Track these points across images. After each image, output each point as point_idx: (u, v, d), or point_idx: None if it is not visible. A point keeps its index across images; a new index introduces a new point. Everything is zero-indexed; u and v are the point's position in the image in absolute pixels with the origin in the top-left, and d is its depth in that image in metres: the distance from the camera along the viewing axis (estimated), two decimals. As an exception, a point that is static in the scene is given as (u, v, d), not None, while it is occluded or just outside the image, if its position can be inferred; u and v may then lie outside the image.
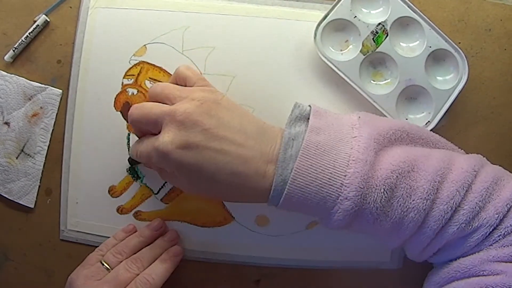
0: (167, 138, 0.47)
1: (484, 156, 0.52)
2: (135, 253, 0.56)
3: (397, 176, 0.46)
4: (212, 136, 0.47)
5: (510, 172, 0.51)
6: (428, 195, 0.46)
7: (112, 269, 0.54)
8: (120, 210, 0.60)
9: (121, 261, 0.55)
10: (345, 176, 0.45)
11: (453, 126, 0.62)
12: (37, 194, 0.61)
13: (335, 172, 0.46)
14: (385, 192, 0.46)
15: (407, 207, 0.46)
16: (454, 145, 0.54)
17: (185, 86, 0.53)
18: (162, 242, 0.58)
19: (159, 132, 0.49)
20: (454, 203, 0.46)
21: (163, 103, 0.50)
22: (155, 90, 0.52)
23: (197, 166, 0.46)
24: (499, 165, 0.60)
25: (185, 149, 0.46)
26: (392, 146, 0.49)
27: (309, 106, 0.51)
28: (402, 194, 0.46)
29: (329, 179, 0.46)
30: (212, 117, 0.48)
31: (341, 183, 0.45)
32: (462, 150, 0.54)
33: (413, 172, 0.47)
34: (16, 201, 0.61)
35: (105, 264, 0.54)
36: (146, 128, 0.52)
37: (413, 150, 0.49)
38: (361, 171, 0.45)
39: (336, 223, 0.47)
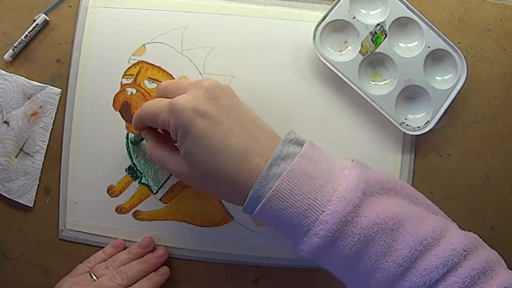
0: (189, 97, 0.46)
1: (484, 156, 0.51)
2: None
3: (377, 230, 0.42)
4: (230, 115, 0.46)
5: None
6: (404, 262, 0.42)
7: None
8: (119, 210, 0.61)
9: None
10: (323, 212, 0.42)
11: (453, 126, 0.61)
12: (36, 193, 0.61)
13: (314, 204, 0.43)
14: (358, 242, 0.42)
15: (378, 266, 0.43)
16: (434, 205, 0.49)
17: None
18: (150, 257, 0.58)
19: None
20: (430, 279, 0.41)
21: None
22: (160, 86, 0.52)
23: (205, 134, 0.45)
24: (499, 166, 0.60)
25: (201, 116, 0.45)
26: (386, 195, 0.45)
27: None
28: (377, 251, 0.42)
29: (306, 210, 0.43)
30: (235, 98, 0.48)
31: (316, 218, 0.42)
32: (455, 224, 0.48)
33: (397, 232, 0.43)
34: (15, 200, 0.61)
35: (93, 276, 0.55)
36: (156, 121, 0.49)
37: (407, 209, 0.45)
38: (341, 212, 0.42)
39: (300, 253, 0.44)
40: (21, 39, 0.60)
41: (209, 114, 0.45)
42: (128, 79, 0.60)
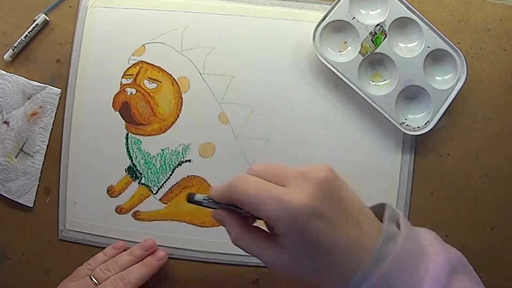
0: (304, 195, 0.41)
1: (484, 156, 0.51)
2: (123, 270, 0.56)
3: None
4: (344, 211, 0.42)
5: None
6: None
7: (99, 284, 0.54)
8: (119, 210, 0.61)
9: (109, 277, 0.55)
10: None
11: (453, 126, 0.61)
12: (36, 193, 0.61)
13: (411, 286, 0.42)
14: None
15: None
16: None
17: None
18: (151, 260, 0.58)
19: None
20: None
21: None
22: (257, 169, 0.45)
23: (319, 236, 0.41)
24: (499, 166, 0.60)
25: (317, 217, 0.41)
26: (462, 274, 0.46)
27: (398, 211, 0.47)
28: None
29: None
30: (346, 190, 0.44)
31: None
32: None
33: None
34: (15, 200, 0.61)
35: (93, 279, 0.55)
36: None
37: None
38: None
39: None
40: (21, 39, 0.60)
41: (325, 215, 0.41)
42: (128, 79, 0.60)
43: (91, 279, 0.55)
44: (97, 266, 0.57)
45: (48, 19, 0.61)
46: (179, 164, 0.60)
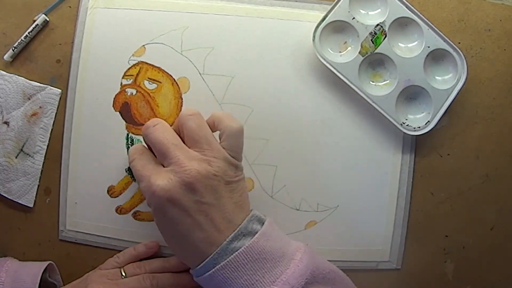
0: (165, 186, 0.46)
1: (484, 156, 0.51)
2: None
3: None
4: (203, 211, 0.47)
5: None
6: None
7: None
8: (119, 210, 0.61)
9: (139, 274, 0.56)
10: None
11: (453, 126, 0.61)
12: (36, 194, 0.61)
13: (261, 281, 0.45)
14: None
15: None
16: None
17: (214, 126, 0.52)
18: (187, 278, 0.56)
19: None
20: None
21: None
22: (190, 124, 0.51)
23: (172, 222, 0.47)
24: (499, 166, 0.60)
25: (174, 205, 0.46)
26: (324, 285, 0.48)
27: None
28: None
29: (251, 284, 0.45)
30: (215, 193, 0.48)
31: None
32: None
33: None
34: (15, 200, 0.61)
35: (123, 273, 0.55)
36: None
37: None
38: None
39: None
40: (21, 40, 0.60)
41: (180, 206, 0.47)
42: (128, 79, 0.60)
43: (121, 274, 0.55)
44: (125, 260, 0.57)
45: (48, 19, 0.61)
46: (179, 164, 0.60)
